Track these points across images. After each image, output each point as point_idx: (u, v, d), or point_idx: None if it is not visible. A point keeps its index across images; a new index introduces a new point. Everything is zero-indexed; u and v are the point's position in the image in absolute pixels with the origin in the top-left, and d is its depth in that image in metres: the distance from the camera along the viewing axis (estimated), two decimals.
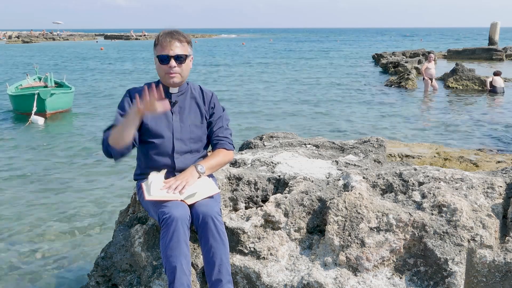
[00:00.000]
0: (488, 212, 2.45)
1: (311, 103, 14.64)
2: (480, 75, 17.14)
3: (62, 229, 5.37)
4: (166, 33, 2.55)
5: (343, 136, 10.01)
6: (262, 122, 11.90)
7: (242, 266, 2.50)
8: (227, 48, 53.42)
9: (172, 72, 2.52)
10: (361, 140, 4.00)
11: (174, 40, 2.51)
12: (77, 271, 4.40)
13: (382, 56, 27.42)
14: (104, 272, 2.81)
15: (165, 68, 2.52)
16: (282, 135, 4.53)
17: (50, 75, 14.70)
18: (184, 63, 2.54)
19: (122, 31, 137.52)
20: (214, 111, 2.69)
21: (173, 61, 2.50)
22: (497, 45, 32.05)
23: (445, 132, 10.34)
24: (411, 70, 20.58)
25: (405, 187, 2.71)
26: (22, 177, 7.38)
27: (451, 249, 2.31)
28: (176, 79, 2.55)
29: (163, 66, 2.53)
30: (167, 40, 2.51)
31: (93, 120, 12.28)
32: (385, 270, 2.38)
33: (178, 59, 2.51)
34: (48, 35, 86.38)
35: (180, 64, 2.53)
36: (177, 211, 2.29)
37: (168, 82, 2.58)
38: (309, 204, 2.68)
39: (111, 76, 23.51)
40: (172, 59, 2.50)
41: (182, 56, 2.52)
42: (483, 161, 4.95)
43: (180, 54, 2.51)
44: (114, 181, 7.09)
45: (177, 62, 2.52)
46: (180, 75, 2.55)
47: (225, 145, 2.67)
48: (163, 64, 2.52)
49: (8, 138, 10.24)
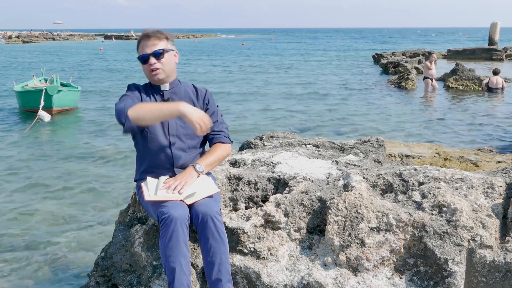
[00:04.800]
0: (488, 212, 2.45)
1: (311, 103, 14.64)
2: (480, 75, 17.13)
3: (62, 228, 5.37)
4: (143, 34, 2.62)
5: (343, 136, 10.01)
6: (262, 122, 11.91)
7: (242, 266, 2.50)
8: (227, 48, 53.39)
9: (153, 68, 2.57)
10: (361, 140, 4.00)
11: (150, 38, 2.58)
12: (77, 271, 4.40)
13: (382, 56, 27.41)
14: (104, 272, 2.81)
15: (147, 67, 2.58)
16: (282, 135, 4.53)
17: (56, 76, 14.75)
18: (163, 58, 2.58)
19: (122, 31, 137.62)
20: (208, 107, 2.71)
21: (152, 58, 2.56)
22: (497, 45, 32.04)
23: (445, 132, 10.33)
24: (411, 70, 20.58)
25: (405, 187, 2.71)
26: (23, 175, 7.38)
27: (451, 249, 2.31)
28: (159, 75, 2.59)
29: (145, 66, 2.59)
30: (144, 39, 2.59)
31: (98, 119, 12.29)
32: (385, 270, 2.38)
33: (156, 55, 2.56)
34: (48, 35, 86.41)
35: (159, 60, 2.57)
36: (176, 211, 2.29)
37: (154, 80, 2.63)
38: (309, 204, 2.68)
39: (112, 76, 23.50)
40: (151, 56, 2.56)
41: (159, 50, 2.56)
42: (483, 161, 4.95)
43: (157, 50, 2.56)
44: (115, 181, 7.09)
45: (156, 58, 2.56)
46: (162, 70, 2.59)
47: (221, 138, 2.68)
48: (145, 64, 2.59)
49: (14, 135, 10.27)
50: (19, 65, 30.26)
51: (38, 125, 11.23)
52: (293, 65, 29.52)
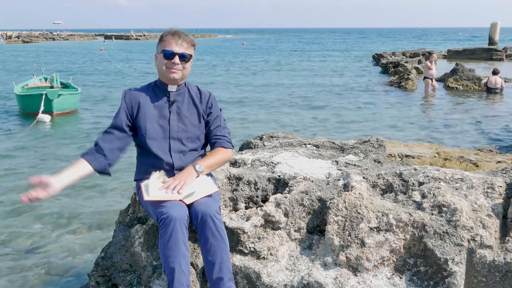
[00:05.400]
0: (488, 212, 2.45)
1: (311, 103, 14.64)
2: (480, 75, 17.12)
3: (62, 228, 5.38)
4: (174, 31, 2.61)
5: (343, 136, 10.01)
6: (262, 121, 11.91)
7: (242, 266, 2.50)
8: (227, 48, 53.38)
9: (174, 68, 2.56)
10: (361, 140, 4.00)
11: (181, 39, 2.57)
12: (77, 271, 4.40)
13: (382, 56, 27.41)
14: (104, 272, 2.81)
15: (168, 63, 2.56)
16: (282, 135, 4.53)
17: (56, 75, 14.69)
18: (187, 62, 2.59)
19: (122, 31, 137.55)
20: (212, 110, 2.70)
21: (177, 58, 2.55)
22: (497, 45, 32.04)
23: (445, 132, 10.34)
24: (411, 70, 20.58)
25: (405, 187, 2.71)
26: (22, 176, 7.38)
27: (451, 249, 2.31)
28: (176, 75, 2.58)
29: (166, 61, 2.56)
30: (175, 37, 2.57)
31: (97, 120, 12.29)
32: (385, 270, 2.38)
33: (182, 57, 2.56)
34: (48, 35, 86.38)
35: (183, 63, 2.57)
36: (175, 211, 2.29)
37: (168, 77, 2.60)
38: (309, 204, 2.67)
39: (112, 76, 23.50)
40: (177, 56, 2.55)
41: (187, 55, 2.57)
42: (483, 161, 4.95)
43: (185, 53, 2.56)
44: (115, 181, 7.09)
45: (181, 60, 2.56)
46: (181, 72, 2.59)
47: (223, 143, 2.67)
48: (167, 59, 2.56)
49: (14, 136, 10.28)
50: (19, 65, 30.25)
51: (38, 126, 11.23)
52: (293, 65, 29.52)
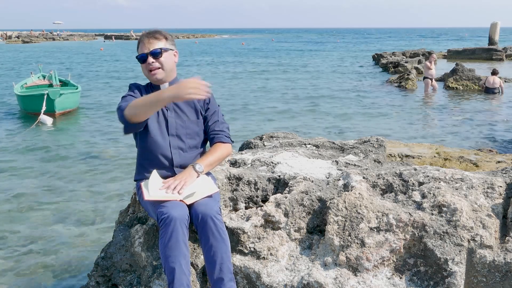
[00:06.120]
0: (488, 212, 2.45)
1: (311, 102, 14.64)
2: (480, 75, 17.13)
3: (62, 228, 5.37)
4: (143, 34, 2.62)
5: (343, 136, 10.01)
6: (262, 122, 11.91)
7: (242, 266, 2.50)
8: (227, 48, 53.41)
9: (152, 68, 2.56)
10: (361, 140, 4.00)
11: (149, 38, 2.58)
12: (77, 271, 4.40)
13: (382, 56, 27.41)
14: (104, 272, 2.81)
15: (146, 66, 2.57)
16: (282, 135, 4.53)
17: (54, 73, 14.60)
18: (161, 57, 2.57)
19: (122, 31, 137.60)
20: (209, 106, 2.70)
21: (150, 57, 2.55)
22: (497, 45, 32.04)
23: (445, 132, 10.33)
24: (411, 70, 20.58)
25: (405, 187, 2.71)
26: (23, 175, 7.39)
27: (451, 249, 2.31)
28: (158, 75, 2.58)
29: (143, 65, 2.59)
30: (143, 39, 2.59)
31: (98, 119, 12.29)
32: (385, 270, 2.38)
33: (154, 54, 2.55)
34: (48, 35, 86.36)
35: (157, 59, 2.56)
36: (175, 211, 2.29)
37: (152, 80, 2.62)
38: (309, 204, 2.68)
39: (112, 76, 23.50)
40: (149, 56, 2.55)
41: (157, 50, 2.55)
42: (483, 161, 4.95)
43: (155, 50, 2.55)
44: (115, 181, 7.09)
45: (153, 57, 2.55)
46: (161, 69, 2.58)
47: (222, 138, 2.67)
48: (143, 63, 2.58)
49: (16, 137, 10.27)
50: (19, 65, 30.25)
51: (39, 126, 11.23)
52: (293, 65, 29.51)
